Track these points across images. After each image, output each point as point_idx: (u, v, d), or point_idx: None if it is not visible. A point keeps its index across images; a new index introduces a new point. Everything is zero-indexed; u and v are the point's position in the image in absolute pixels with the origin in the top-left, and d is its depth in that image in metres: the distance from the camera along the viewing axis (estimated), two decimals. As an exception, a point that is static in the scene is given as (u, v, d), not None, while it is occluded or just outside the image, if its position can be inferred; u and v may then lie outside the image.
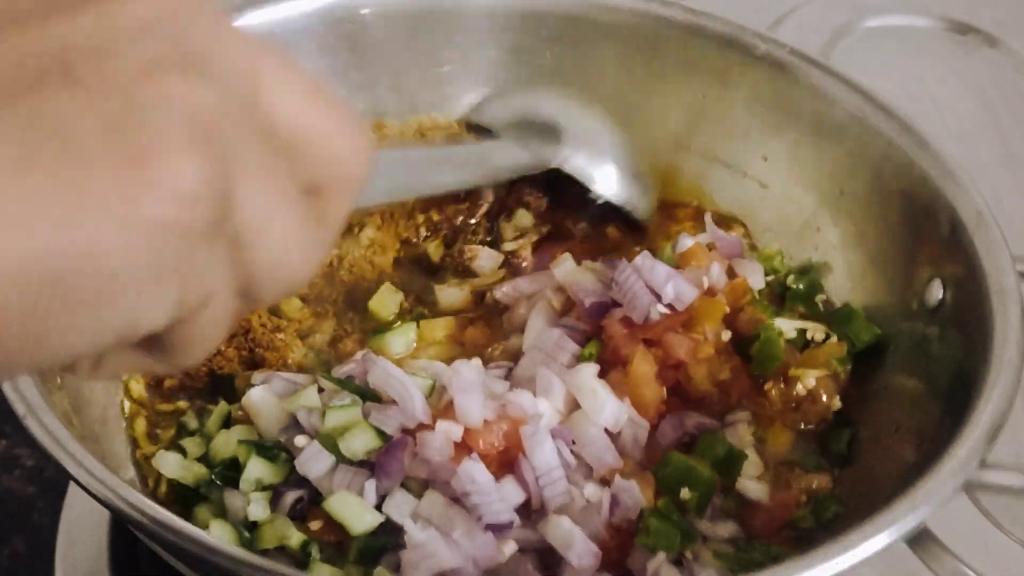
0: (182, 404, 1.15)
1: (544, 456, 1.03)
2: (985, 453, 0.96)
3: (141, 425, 1.13)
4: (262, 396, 1.09)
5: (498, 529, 1.00)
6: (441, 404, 1.06)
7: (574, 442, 1.07)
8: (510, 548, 1.01)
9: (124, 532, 1.16)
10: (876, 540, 0.91)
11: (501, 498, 1.01)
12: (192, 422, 1.13)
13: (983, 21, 1.83)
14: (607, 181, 1.30)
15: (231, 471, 1.06)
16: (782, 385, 1.15)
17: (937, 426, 1.04)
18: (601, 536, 1.02)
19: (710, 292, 1.16)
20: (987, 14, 1.84)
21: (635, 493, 1.03)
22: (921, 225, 1.16)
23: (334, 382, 1.09)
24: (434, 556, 0.98)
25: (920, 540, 1.16)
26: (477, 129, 1.35)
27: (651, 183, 1.33)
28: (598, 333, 1.15)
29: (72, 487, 1.20)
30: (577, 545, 1.00)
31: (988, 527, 1.21)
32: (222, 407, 1.12)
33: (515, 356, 1.17)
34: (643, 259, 1.15)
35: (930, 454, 0.98)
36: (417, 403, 1.04)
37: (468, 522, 0.99)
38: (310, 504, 1.04)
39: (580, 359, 1.13)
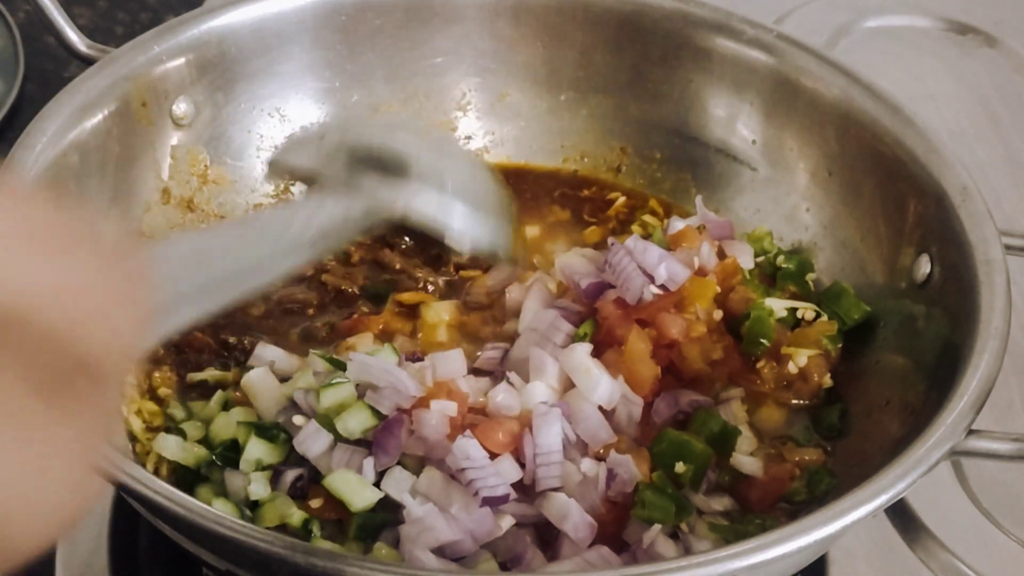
0: (163, 391, 1.16)
1: (549, 437, 1.05)
2: (972, 421, 0.97)
3: (137, 423, 1.14)
4: (260, 378, 1.11)
5: (494, 503, 1.01)
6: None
7: (569, 420, 1.09)
8: (507, 522, 1.02)
9: (124, 531, 1.17)
10: (869, 505, 0.92)
11: (496, 472, 1.02)
12: (179, 412, 1.14)
13: (983, 21, 1.84)
14: (461, 224, 1.03)
15: (231, 452, 1.07)
16: (774, 363, 1.17)
17: (925, 399, 1.05)
18: (597, 509, 1.04)
19: (700, 272, 1.17)
20: (987, 14, 1.85)
21: (630, 467, 1.05)
22: (909, 202, 1.18)
23: (329, 363, 1.11)
24: (432, 530, 0.99)
25: (919, 538, 1.18)
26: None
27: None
28: (593, 314, 1.17)
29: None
30: (574, 518, 1.01)
31: (988, 526, 1.21)
32: (219, 395, 1.14)
33: (511, 340, 1.19)
34: (635, 241, 1.16)
35: (919, 425, 0.99)
36: (406, 381, 1.06)
37: (465, 497, 1.01)
38: (310, 482, 1.06)
39: (575, 339, 1.14)
